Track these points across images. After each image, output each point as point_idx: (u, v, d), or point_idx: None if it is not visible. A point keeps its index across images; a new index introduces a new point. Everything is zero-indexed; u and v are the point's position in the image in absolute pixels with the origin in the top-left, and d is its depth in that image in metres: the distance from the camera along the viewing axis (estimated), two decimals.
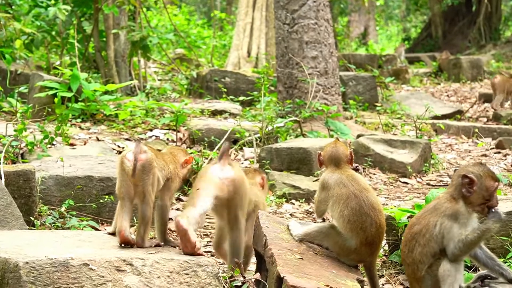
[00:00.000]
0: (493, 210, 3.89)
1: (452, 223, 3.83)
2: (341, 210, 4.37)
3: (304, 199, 7.42)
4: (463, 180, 3.90)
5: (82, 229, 5.63)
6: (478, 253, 4.01)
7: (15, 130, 7.65)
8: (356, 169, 4.62)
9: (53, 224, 5.66)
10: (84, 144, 8.61)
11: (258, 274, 4.58)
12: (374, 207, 4.38)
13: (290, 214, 6.97)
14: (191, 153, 8.98)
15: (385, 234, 4.64)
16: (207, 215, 6.77)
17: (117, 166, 4.53)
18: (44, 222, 5.64)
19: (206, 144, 9.55)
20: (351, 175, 4.50)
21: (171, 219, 5.09)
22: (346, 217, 4.35)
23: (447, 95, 17.94)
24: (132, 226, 4.71)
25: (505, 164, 9.68)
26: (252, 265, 5.12)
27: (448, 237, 3.82)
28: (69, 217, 5.76)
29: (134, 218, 5.19)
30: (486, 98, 16.17)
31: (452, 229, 3.82)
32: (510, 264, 4.63)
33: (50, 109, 10.00)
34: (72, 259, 3.68)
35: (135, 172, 4.36)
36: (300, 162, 8.22)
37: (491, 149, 10.61)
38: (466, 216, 3.86)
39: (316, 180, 5.29)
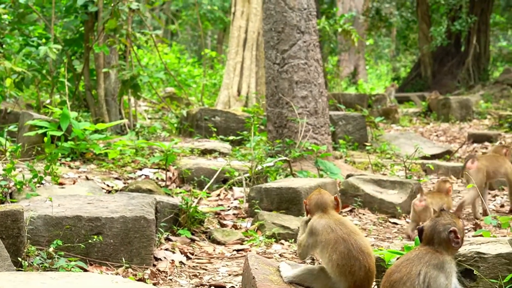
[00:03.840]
0: None
1: (439, 273, 3.82)
2: (330, 255, 4.40)
3: (293, 240, 7.39)
4: (449, 235, 3.93)
5: (70, 270, 5.59)
6: None
7: (4, 170, 7.63)
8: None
9: (41, 265, 5.62)
10: (73, 183, 8.58)
11: None
12: (363, 250, 4.41)
13: (280, 255, 6.94)
14: (180, 192, 8.98)
15: (374, 278, 4.64)
16: (195, 255, 6.75)
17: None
18: (32, 262, 5.59)
19: (195, 184, 9.53)
20: (338, 219, 4.56)
21: None
22: (335, 261, 4.37)
23: (437, 135, 18.01)
24: None
25: (494, 205, 9.70)
26: None
27: (434, 286, 3.81)
28: (57, 257, 5.72)
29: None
30: (475, 138, 16.23)
31: (439, 280, 3.81)
32: None
33: (39, 148, 9.99)
34: None
35: None
36: (290, 202, 8.20)
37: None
38: (451, 265, 3.87)
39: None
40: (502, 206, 9.65)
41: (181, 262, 6.54)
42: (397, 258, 5.15)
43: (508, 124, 17.77)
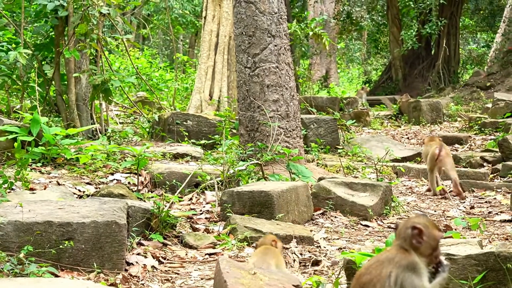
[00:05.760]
0: (443, 263, 3.98)
1: (411, 274, 3.83)
2: None
3: None
4: (412, 231, 3.95)
5: (41, 276, 5.56)
6: None
7: None
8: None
9: (11, 271, 5.59)
10: (44, 189, 8.54)
11: None
12: None
13: None
14: (152, 197, 8.96)
15: (346, 279, 4.67)
16: (167, 259, 6.73)
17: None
18: (2, 269, 5.56)
19: (167, 188, 9.52)
20: None
21: None
22: None
23: (408, 138, 18.13)
24: None
25: (464, 207, 9.79)
26: None
27: None
28: (27, 263, 5.69)
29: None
30: (445, 141, 16.32)
31: (413, 281, 3.83)
32: None
33: (9, 154, 9.92)
34: None
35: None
36: (262, 205, 8.21)
37: (450, 192, 10.71)
38: (420, 266, 3.89)
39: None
40: (472, 207, 9.74)
41: (153, 267, 6.53)
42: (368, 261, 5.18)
43: (478, 126, 17.93)
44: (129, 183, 9.86)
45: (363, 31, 38.05)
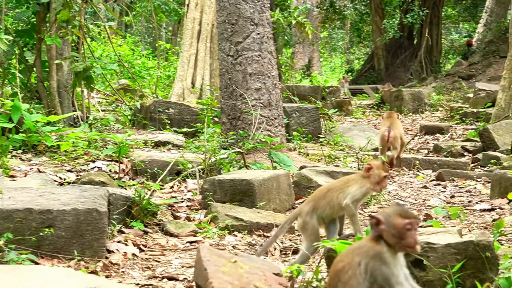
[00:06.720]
0: None
1: (379, 264, 3.85)
2: None
3: (247, 231, 7.41)
4: (371, 220, 3.97)
5: (21, 263, 5.54)
6: None
7: None
8: None
9: None
10: (25, 176, 8.49)
11: None
12: None
13: (233, 246, 6.96)
14: (133, 185, 8.94)
15: (326, 267, 4.68)
16: (148, 247, 6.74)
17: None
18: None
19: (149, 176, 9.50)
20: None
21: None
22: None
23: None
24: None
25: (445, 196, 9.83)
26: None
27: (381, 278, 3.83)
28: (7, 250, 5.66)
29: None
30: (427, 130, 16.43)
31: (382, 271, 3.84)
32: None
33: None
34: None
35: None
36: (243, 194, 8.22)
37: (431, 181, 10.76)
38: (386, 255, 3.89)
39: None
40: (452, 196, 9.79)
41: (133, 254, 6.52)
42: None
43: (459, 116, 18.02)
44: (110, 170, 9.84)
45: (346, 20, 38.10)
